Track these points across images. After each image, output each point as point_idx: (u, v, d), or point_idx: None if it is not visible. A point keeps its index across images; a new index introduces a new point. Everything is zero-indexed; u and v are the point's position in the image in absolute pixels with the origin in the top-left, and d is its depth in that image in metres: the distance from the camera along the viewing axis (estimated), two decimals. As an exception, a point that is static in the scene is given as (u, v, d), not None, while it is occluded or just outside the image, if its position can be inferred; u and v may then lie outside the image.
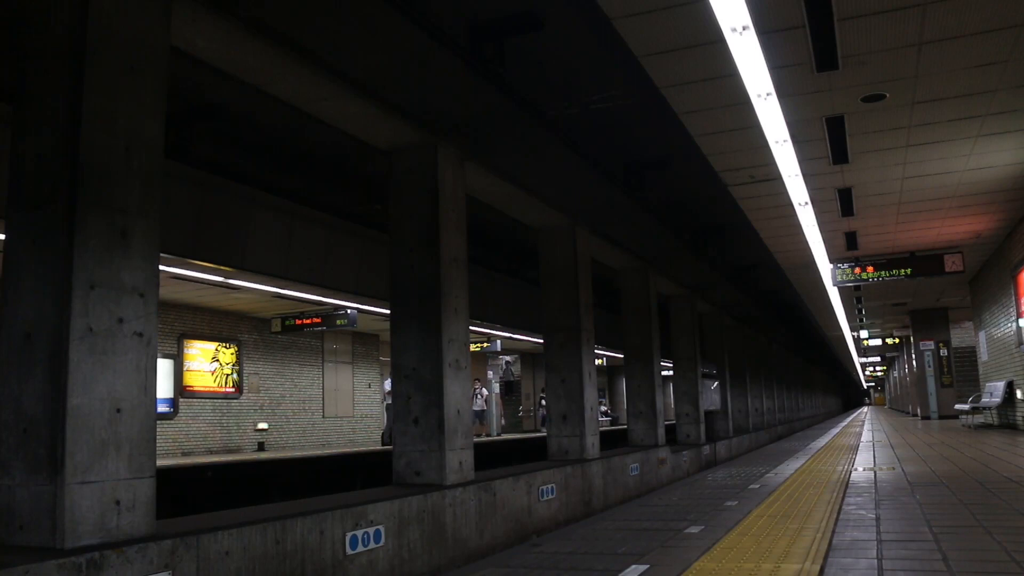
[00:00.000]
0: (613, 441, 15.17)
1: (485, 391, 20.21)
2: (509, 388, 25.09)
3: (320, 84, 5.34)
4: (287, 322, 16.03)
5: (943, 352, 22.35)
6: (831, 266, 13.40)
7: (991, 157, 8.64)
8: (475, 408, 18.75)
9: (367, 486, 7.44)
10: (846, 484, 7.07)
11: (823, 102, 6.93)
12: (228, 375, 16.11)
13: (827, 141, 7.84)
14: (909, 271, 13.09)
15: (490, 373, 25.89)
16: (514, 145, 7.82)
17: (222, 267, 10.14)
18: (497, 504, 6.66)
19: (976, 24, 5.62)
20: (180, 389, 14.99)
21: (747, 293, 19.94)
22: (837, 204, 10.19)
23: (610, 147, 9.55)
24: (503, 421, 24.59)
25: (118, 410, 3.62)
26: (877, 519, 4.98)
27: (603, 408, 33.86)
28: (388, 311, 6.72)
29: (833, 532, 4.57)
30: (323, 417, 18.36)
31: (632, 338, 12.23)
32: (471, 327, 7.07)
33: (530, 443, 18.40)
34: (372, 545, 5.01)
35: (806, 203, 10.10)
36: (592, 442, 9.15)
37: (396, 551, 5.24)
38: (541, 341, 9.75)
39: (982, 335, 17.07)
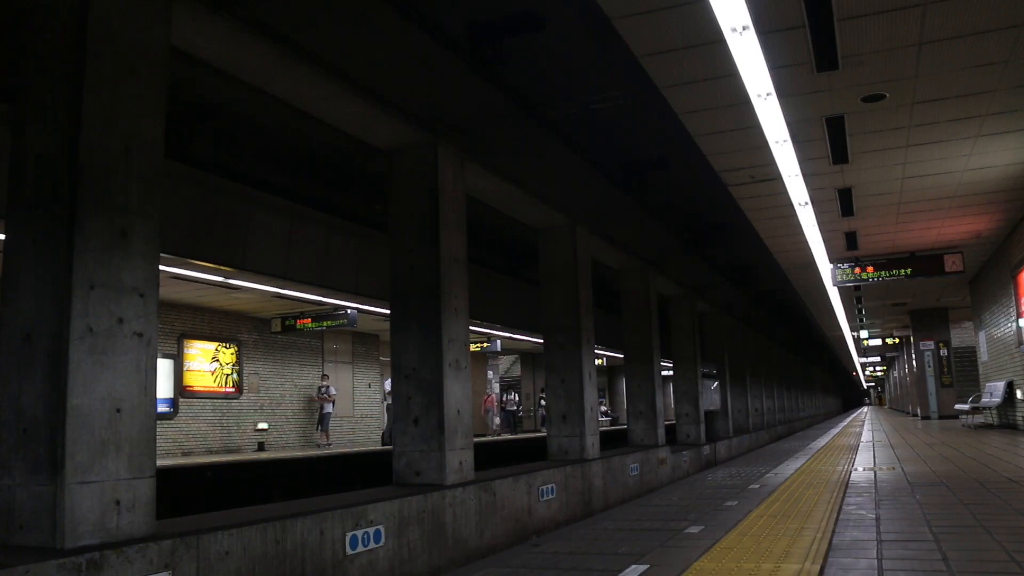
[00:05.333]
0: (613, 441, 15.17)
1: (333, 390, 17.69)
2: (511, 418, 25.76)
3: (320, 84, 5.34)
4: (287, 322, 16.03)
5: (943, 352, 22.35)
6: (831, 266, 13.39)
7: (991, 157, 8.63)
8: (325, 411, 17.40)
9: (367, 486, 7.44)
10: (846, 484, 7.07)
11: (823, 102, 6.93)
12: (228, 375, 16.11)
13: (827, 141, 7.84)
14: (909, 271, 13.08)
15: (490, 373, 25.89)
16: (514, 145, 7.82)
17: (222, 267, 10.15)
18: (497, 504, 6.66)
19: (976, 24, 5.62)
20: (180, 389, 14.99)
21: (747, 293, 19.96)
22: (837, 204, 10.18)
23: (610, 147, 9.55)
24: (498, 419, 24.90)
25: (118, 410, 3.62)
26: (877, 519, 4.98)
27: (603, 408, 33.88)
28: (388, 311, 6.72)
29: (833, 532, 4.57)
30: (323, 417, 18.35)
31: (632, 338, 12.23)
32: (471, 327, 7.07)
33: (530, 443, 18.40)
34: (372, 545, 5.01)
35: (806, 203, 10.10)
36: (592, 442, 9.15)
37: (396, 551, 5.24)
38: (541, 341, 9.75)
39: (982, 335, 17.07)
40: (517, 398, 26.32)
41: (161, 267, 5.19)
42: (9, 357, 3.63)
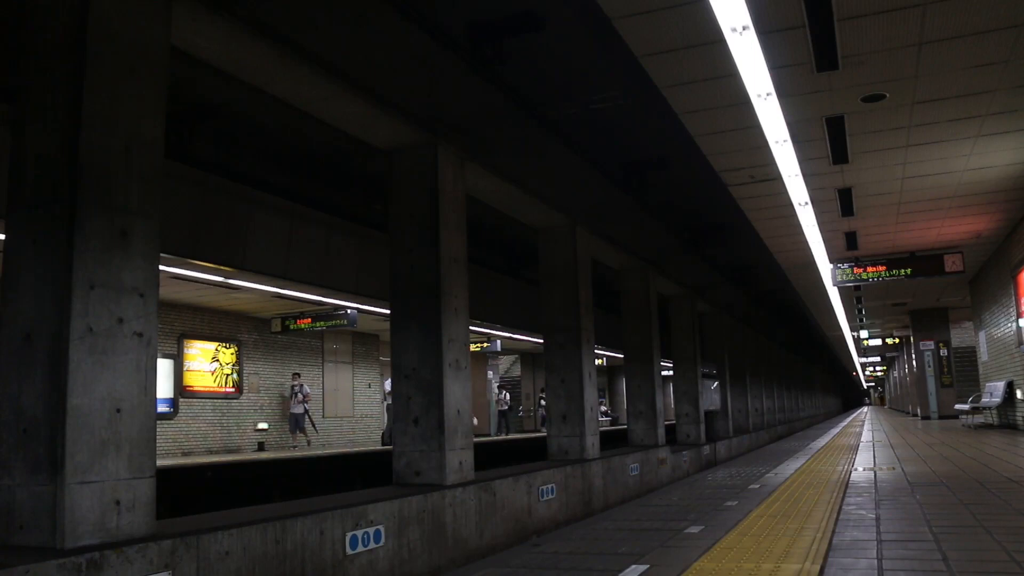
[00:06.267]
0: (613, 441, 15.18)
1: (308, 389, 16.97)
2: (502, 419, 24.81)
3: (320, 84, 5.34)
4: (287, 322, 16.03)
5: (943, 352, 22.35)
6: (831, 266, 13.40)
7: (991, 157, 8.64)
8: (293, 411, 16.63)
9: (367, 486, 7.45)
10: (846, 484, 7.07)
11: (823, 102, 6.93)
12: (228, 375, 16.11)
13: (827, 141, 7.84)
14: (909, 271, 13.08)
15: (490, 373, 25.86)
16: (514, 145, 7.82)
17: (222, 267, 10.15)
18: (497, 504, 6.66)
19: (976, 24, 5.62)
20: (180, 389, 15.00)
21: (747, 293, 19.96)
22: (837, 204, 10.19)
23: (610, 147, 9.56)
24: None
25: (118, 410, 3.62)
26: (877, 519, 4.98)
27: (603, 408, 33.86)
28: (388, 311, 6.71)
29: (833, 532, 4.57)
30: (323, 417, 18.36)
31: (632, 338, 12.23)
32: (471, 327, 7.07)
33: (530, 443, 18.40)
34: (372, 545, 5.01)
35: (806, 203, 10.10)
36: (592, 442, 9.15)
37: (396, 551, 5.24)
38: (541, 341, 9.75)
39: (982, 335, 17.07)
40: (508, 397, 25.14)
41: (161, 267, 5.20)
42: (9, 357, 3.63)
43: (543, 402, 24.45)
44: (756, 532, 4.70)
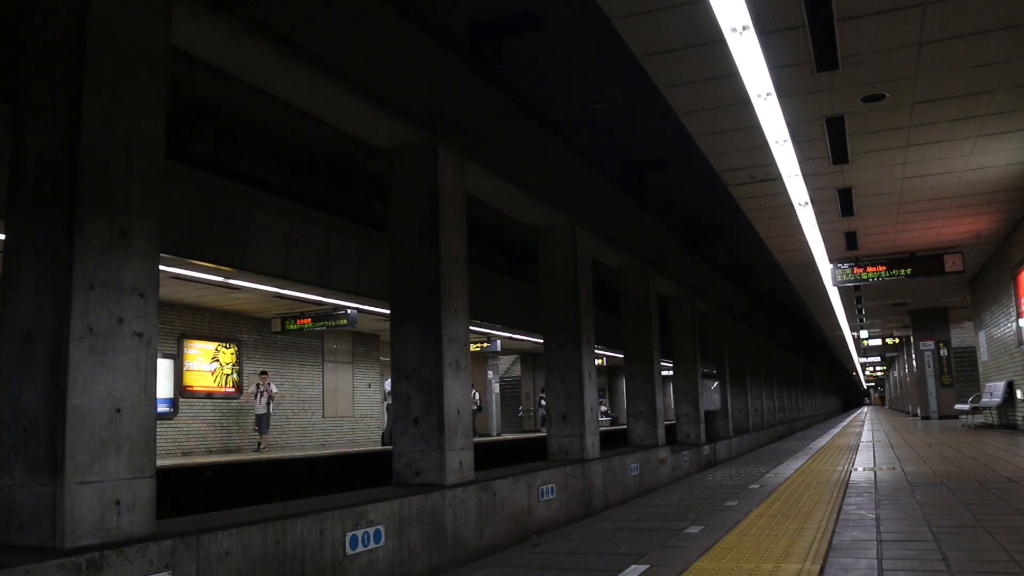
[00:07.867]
0: (613, 441, 15.18)
1: (274, 387, 16.13)
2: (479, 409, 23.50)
3: (320, 84, 5.34)
4: (287, 322, 16.03)
5: (943, 352, 22.35)
6: (831, 266, 13.40)
7: (991, 157, 8.64)
8: (258, 412, 15.79)
9: (367, 486, 7.45)
10: (846, 484, 7.07)
11: (823, 102, 6.93)
12: (228, 375, 16.10)
13: (827, 141, 7.84)
14: (909, 271, 13.08)
15: (489, 373, 25.85)
16: (514, 145, 7.83)
17: (222, 267, 10.15)
18: (497, 504, 6.66)
19: (976, 24, 5.62)
20: (180, 389, 14.99)
21: (747, 293, 19.97)
22: (837, 204, 10.19)
23: (610, 147, 9.56)
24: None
25: (118, 410, 3.62)
26: (877, 519, 4.98)
27: (603, 408, 33.85)
28: (388, 311, 6.71)
29: (833, 532, 4.57)
30: (323, 417, 18.36)
31: (632, 338, 12.23)
32: (471, 327, 7.07)
33: (529, 443, 18.40)
34: (372, 545, 5.01)
35: (806, 203, 10.10)
36: (592, 442, 9.15)
37: (396, 551, 5.24)
38: (541, 341, 9.75)
39: (982, 335, 17.07)
40: (478, 396, 23.11)
41: (161, 267, 5.20)
42: (9, 357, 3.63)
43: (543, 402, 24.35)
44: (756, 532, 4.70)
